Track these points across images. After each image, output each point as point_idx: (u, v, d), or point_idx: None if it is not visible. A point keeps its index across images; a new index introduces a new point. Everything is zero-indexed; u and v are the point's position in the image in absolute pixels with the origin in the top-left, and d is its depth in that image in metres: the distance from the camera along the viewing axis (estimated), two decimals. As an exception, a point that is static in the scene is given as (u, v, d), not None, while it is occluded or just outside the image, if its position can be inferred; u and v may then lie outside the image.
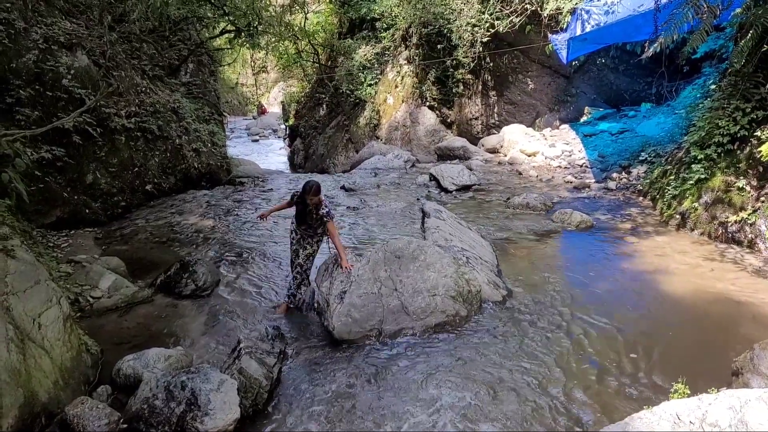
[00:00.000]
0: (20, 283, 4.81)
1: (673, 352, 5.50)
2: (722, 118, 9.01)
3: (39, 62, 9.26)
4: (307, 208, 6.30)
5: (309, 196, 6.13)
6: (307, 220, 6.40)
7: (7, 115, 8.69)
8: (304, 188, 6.17)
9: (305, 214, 6.36)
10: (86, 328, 5.92)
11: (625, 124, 15.85)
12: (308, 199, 6.16)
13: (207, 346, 5.91)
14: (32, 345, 4.51)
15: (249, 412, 4.55)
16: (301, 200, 6.29)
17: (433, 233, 8.04)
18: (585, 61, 17.70)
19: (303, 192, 6.20)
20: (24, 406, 4.06)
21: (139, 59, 12.92)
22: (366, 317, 5.83)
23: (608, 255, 8.42)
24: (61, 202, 9.52)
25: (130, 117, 11.04)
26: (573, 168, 14.51)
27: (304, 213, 6.36)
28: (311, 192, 6.11)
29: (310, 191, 6.11)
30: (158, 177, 12.09)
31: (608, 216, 10.31)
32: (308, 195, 6.13)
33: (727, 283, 7.03)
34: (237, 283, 7.52)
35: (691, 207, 9.06)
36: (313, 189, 6.12)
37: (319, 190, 6.17)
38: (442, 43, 17.81)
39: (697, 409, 3.33)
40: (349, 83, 20.51)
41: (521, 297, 6.84)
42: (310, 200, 6.16)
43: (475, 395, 4.77)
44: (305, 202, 6.23)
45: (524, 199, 11.36)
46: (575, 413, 4.51)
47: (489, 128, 18.65)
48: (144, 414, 4.20)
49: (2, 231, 5.15)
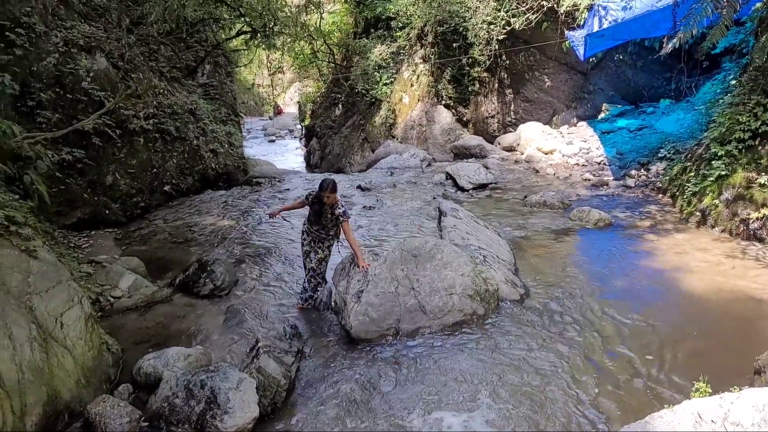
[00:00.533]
0: (43, 283, 4.89)
1: (693, 351, 5.45)
2: (743, 113, 8.89)
3: (59, 65, 9.39)
4: (323, 207, 6.28)
5: (326, 193, 6.10)
6: (321, 220, 6.38)
7: (29, 118, 8.83)
8: (321, 185, 6.14)
9: (321, 213, 6.33)
10: (107, 327, 6.01)
11: (644, 120, 15.69)
12: (325, 196, 6.13)
13: (225, 345, 5.96)
14: (55, 344, 4.58)
15: (268, 410, 4.58)
16: (318, 199, 6.26)
17: (449, 232, 8.02)
18: (602, 58, 17.53)
19: (320, 189, 6.16)
20: (47, 404, 4.13)
21: (156, 61, 13.04)
22: (383, 316, 5.84)
23: (627, 253, 8.34)
24: (82, 203, 9.65)
25: (149, 118, 11.15)
26: (591, 165, 14.40)
27: (319, 212, 6.33)
28: (328, 189, 6.09)
29: (327, 188, 6.09)
30: (176, 178, 12.20)
31: (627, 214, 10.22)
32: (325, 192, 6.10)
33: (748, 281, 6.94)
34: (255, 283, 7.57)
35: (711, 204, 8.95)
36: (330, 186, 6.10)
37: (335, 187, 6.16)
38: (458, 41, 17.76)
39: (719, 408, 3.30)
40: (364, 83, 20.51)
41: (539, 296, 6.80)
42: (327, 198, 6.14)
43: (493, 394, 4.76)
44: (321, 200, 6.21)
45: (541, 197, 11.29)
46: (594, 412, 4.49)
47: (505, 126, 18.56)
48: (164, 412, 4.25)
49: (25, 232, 5.23)
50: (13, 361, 3.95)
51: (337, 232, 6.55)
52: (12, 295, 4.46)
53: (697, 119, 13.25)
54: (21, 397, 3.89)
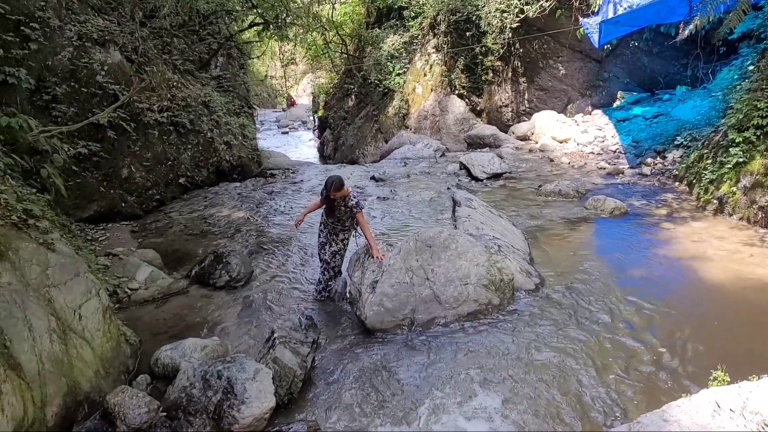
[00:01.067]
0: (61, 276, 4.94)
1: (711, 339, 5.40)
2: (761, 99, 8.77)
3: (74, 59, 9.44)
4: (334, 202, 6.29)
5: (332, 192, 6.09)
6: (335, 213, 6.39)
7: (45, 112, 8.90)
8: (326, 186, 6.13)
9: (333, 208, 6.35)
10: (124, 319, 6.07)
11: (660, 108, 15.51)
12: (332, 195, 6.13)
13: (242, 335, 6.00)
14: (73, 335, 4.63)
15: (284, 400, 4.61)
16: (327, 198, 6.28)
17: (464, 222, 8.01)
18: (617, 45, 17.32)
19: (325, 189, 6.16)
20: (67, 395, 4.18)
21: (170, 54, 13.10)
22: (398, 307, 5.84)
23: (643, 241, 8.27)
24: (98, 197, 9.73)
25: (163, 111, 11.22)
26: (606, 154, 14.27)
27: (332, 207, 6.35)
28: (333, 188, 6.06)
29: (332, 187, 6.06)
30: (191, 170, 12.27)
31: (643, 202, 10.12)
32: (331, 192, 6.09)
33: (766, 269, 6.86)
34: (270, 274, 7.61)
35: (729, 191, 8.85)
36: (335, 185, 6.06)
37: (341, 184, 6.12)
38: (471, 30, 17.63)
39: (737, 397, 3.27)
40: (377, 73, 20.45)
41: (554, 285, 6.77)
42: (335, 195, 6.14)
43: (509, 383, 4.75)
44: (330, 198, 6.22)
45: (556, 187, 11.22)
46: (611, 401, 4.47)
47: (519, 115, 18.43)
48: (182, 402, 4.29)
49: (42, 225, 5.28)
50: (33, 352, 4.00)
51: (353, 223, 6.55)
52: (31, 288, 4.51)
53: (714, 106, 13.06)
54: (41, 388, 3.94)
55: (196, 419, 4.19)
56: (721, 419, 3.20)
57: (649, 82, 17.31)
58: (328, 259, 6.57)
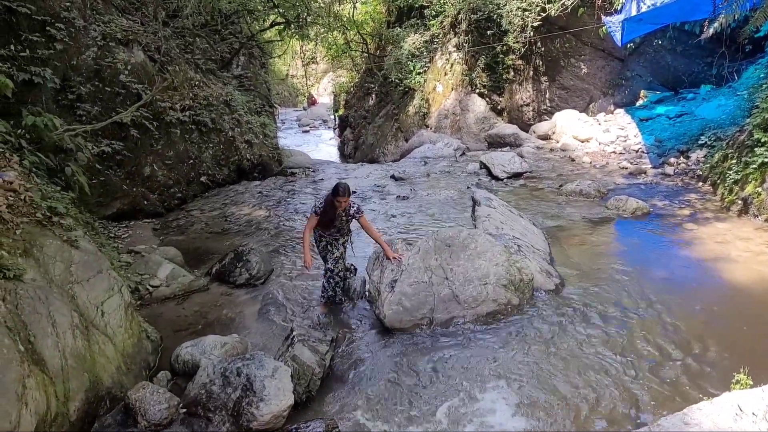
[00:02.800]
0: (84, 273, 5.01)
1: (734, 342, 5.31)
2: (788, 98, 8.61)
3: (98, 59, 9.58)
4: (336, 212, 6.06)
5: (342, 198, 5.90)
6: (336, 223, 6.18)
7: (69, 111, 9.05)
8: (336, 191, 5.90)
9: (334, 219, 6.12)
10: (146, 315, 6.14)
11: (684, 107, 15.29)
12: (339, 201, 5.92)
13: (261, 333, 6.03)
14: (96, 332, 4.70)
15: (302, 398, 4.62)
16: (330, 206, 6.00)
17: (483, 221, 7.97)
18: (640, 43, 17.10)
19: (335, 194, 5.91)
20: (89, 390, 4.24)
21: (192, 53, 13.22)
22: (417, 306, 5.83)
23: (665, 242, 8.17)
24: (121, 195, 9.86)
25: (185, 110, 11.32)
26: (628, 153, 14.10)
27: (333, 219, 6.12)
28: (345, 194, 5.90)
29: (345, 193, 5.90)
30: (212, 169, 12.37)
31: (665, 202, 9.99)
32: (341, 197, 5.89)
33: (793, 271, 6.74)
34: (290, 272, 7.64)
35: (754, 192, 8.69)
36: (347, 191, 5.93)
37: (350, 191, 6.00)
38: (492, 28, 17.54)
39: (760, 401, 3.21)
40: (397, 72, 20.44)
41: (574, 285, 6.71)
42: (342, 202, 5.95)
43: (528, 384, 4.72)
44: (334, 206, 5.98)
45: (577, 186, 11.12)
46: (632, 403, 4.41)
47: (540, 114, 18.29)
48: (202, 399, 4.33)
49: (66, 222, 5.36)
50: (56, 348, 4.06)
51: (350, 227, 6.42)
52: (55, 284, 4.58)
53: (739, 105, 12.84)
54: (64, 383, 4.00)
55: (216, 416, 4.22)
56: (743, 423, 3.15)
57: (673, 81, 17.07)
58: (332, 267, 6.36)
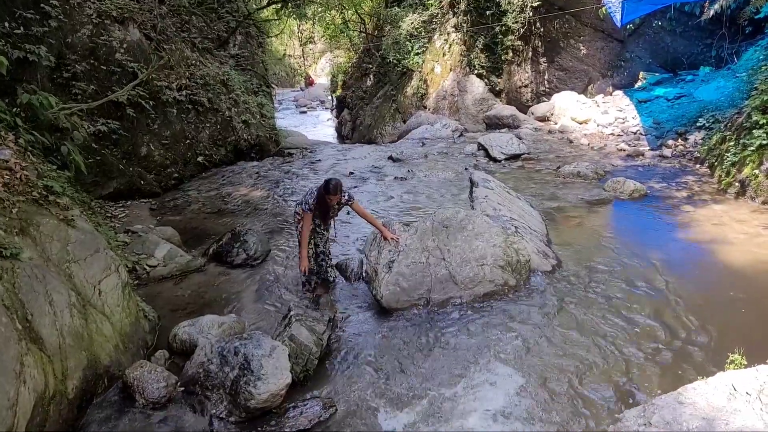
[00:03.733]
0: (81, 252, 5.00)
1: (729, 323, 5.35)
2: (787, 81, 8.58)
3: (93, 37, 9.50)
4: (329, 206, 5.90)
5: (333, 196, 5.71)
6: (329, 214, 6.09)
7: (65, 90, 8.98)
8: (327, 188, 5.68)
9: (328, 212, 6.01)
10: (143, 295, 6.15)
11: (682, 89, 15.24)
12: (330, 198, 5.73)
13: (258, 313, 6.05)
14: (93, 311, 4.71)
15: (300, 377, 4.65)
16: (323, 201, 5.79)
17: (481, 203, 7.96)
18: (640, 24, 17.02)
19: (326, 191, 5.69)
20: (87, 369, 4.26)
21: (188, 32, 13.10)
22: (414, 286, 5.84)
23: (662, 224, 8.19)
24: (117, 174, 9.81)
25: (181, 90, 11.24)
26: (626, 135, 14.08)
27: (327, 212, 6.01)
28: (336, 191, 5.70)
29: (335, 191, 5.69)
30: (209, 149, 12.32)
31: (663, 184, 9.99)
32: (332, 195, 5.70)
33: (789, 253, 6.77)
34: (287, 252, 7.64)
35: (751, 174, 8.69)
36: (338, 188, 5.73)
37: (341, 187, 5.79)
38: (491, 8, 17.39)
39: (754, 380, 3.24)
40: (396, 52, 20.26)
41: (571, 267, 6.73)
42: (333, 199, 5.76)
43: (524, 363, 4.75)
44: (326, 201, 5.77)
45: (575, 168, 11.11)
46: (627, 383, 4.45)
47: (539, 96, 18.24)
48: (200, 378, 4.35)
49: (63, 201, 5.34)
50: (54, 326, 4.07)
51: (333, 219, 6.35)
52: (52, 263, 4.58)
53: (738, 87, 12.81)
54: (62, 362, 4.01)
55: (213, 394, 4.25)
56: (737, 402, 3.18)
57: (672, 63, 17.01)
58: (323, 249, 6.31)
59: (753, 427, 3.00)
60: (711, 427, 3.09)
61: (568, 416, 4.13)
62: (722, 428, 3.06)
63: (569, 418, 4.11)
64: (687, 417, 3.22)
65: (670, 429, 3.20)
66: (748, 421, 3.04)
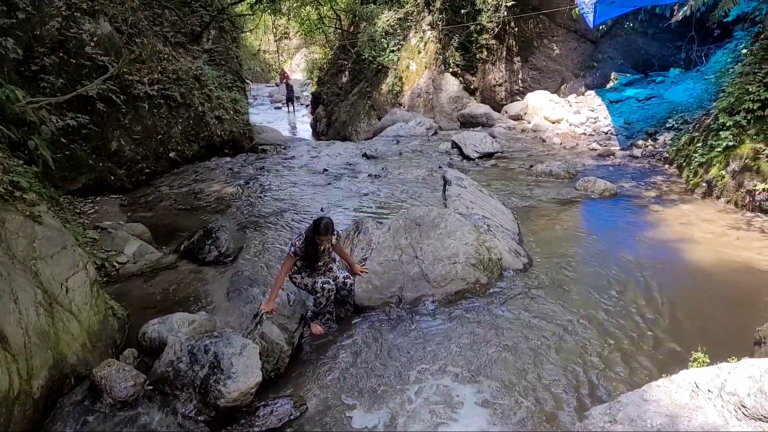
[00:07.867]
0: (48, 249, 4.91)
1: (694, 321, 5.46)
2: (753, 83, 8.77)
3: (62, 29, 9.31)
4: (318, 250, 5.40)
5: (324, 237, 5.26)
6: (320, 258, 5.52)
7: (33, 83, 8.79)
8: (318, 229, 5.19)
9: (317, 255, 5.45)
10: (113, 293, 6.08)
11: (653, 90, 15.50)
12: (321, 240, 5.27)
13: (230, 311, 6.01)
14: (60, 309, 4.63)
15: (271, 375, 4.64)
16: (311, 244, 5.29)
17: (454, 201, 8.01)
18: (612, 26, 17.28)
19: (316, 232, 5.20)
20: (53, 368, 4.19)
21: (161, 26, 12.93)
22: (386, 284, 5.86)
23: (632, 223, 8.32)
24: (87, 169, 9.65)
25: (153, 84, 11.10)
26: (598, 135, 14.28)
27: (315, 255, 5.43)
28: (327, 232, 5.24)
29: (326, 231, 5.23)
30: (181, 144, 12.18)
31: (633, 184, 10.16)
32: (323, 236, 5.24)
33: (752, 252, 6.91)
34: (259, 250, 7.59)
35: (717, 175, 8.88)
36: (329, 228, 5.27)
37: (332, 227, 5.35)
38: (466, 7, 17.51)
39: (716, 378, 3.31)
40: (371, 49, 20.25)
41: (542, 265, 6.80)
42: (324, 241, 5.31)
43: (494, 360, 4.80)
44: (316, 243, 5.29)
45: (547, 167, 11.23)
46: (592, 381, 4.52)
47: (513, 95, 18.40)
48: (169, 377, 4.31)
49: (29, 197, 5.24)
50: (18, 325, 3.99)
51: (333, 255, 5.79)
52: (17, 260, 4.49)
53: (706, 89, 13.07)
54: (27, 361, 3.94)
55: (183, 393, 4.21)
56: (699, 400, 3.25)
57: (643, 64, 17.30)
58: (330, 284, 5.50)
59: (714, 424, 3.06)
60: (674, 424, 3.15)
61: (535, 414, 4.17)
62: (685, 425, 3.12)
63: (536, 415, 4.16)
64: (651, 414, 3.27)
65: (634, 426, 3.26)
66: (710, 418, 3.11)
